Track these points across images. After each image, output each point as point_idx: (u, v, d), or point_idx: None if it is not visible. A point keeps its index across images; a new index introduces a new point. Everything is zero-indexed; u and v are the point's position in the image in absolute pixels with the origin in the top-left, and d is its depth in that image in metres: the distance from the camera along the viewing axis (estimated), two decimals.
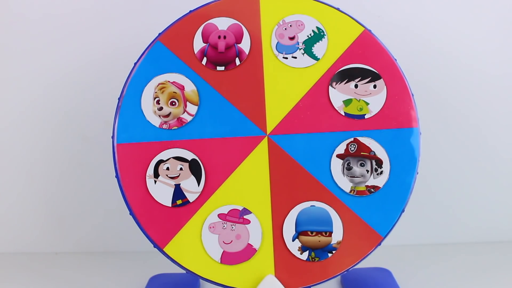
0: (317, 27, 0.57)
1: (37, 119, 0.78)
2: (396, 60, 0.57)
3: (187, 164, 0.55)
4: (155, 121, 0.56)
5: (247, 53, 0.57)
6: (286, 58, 0.57)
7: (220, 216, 0.55)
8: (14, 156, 0.79)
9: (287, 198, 0.55)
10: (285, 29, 0.57)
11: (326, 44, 0.57)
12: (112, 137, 0.55)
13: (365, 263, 0.56)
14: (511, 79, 0.75)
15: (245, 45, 0.57)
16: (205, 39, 0.57)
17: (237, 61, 0.57)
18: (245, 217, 0.55)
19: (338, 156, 0.55)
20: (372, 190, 0.55)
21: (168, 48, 0.57)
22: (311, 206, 0.55)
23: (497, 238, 0.79)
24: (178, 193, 0.55)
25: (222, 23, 0.57)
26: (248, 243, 0.55)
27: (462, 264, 0.72)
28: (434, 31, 0.74)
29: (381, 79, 0.56)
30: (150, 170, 0.55)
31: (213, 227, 0.55)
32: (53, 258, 0.78)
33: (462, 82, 0.75)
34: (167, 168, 0.55)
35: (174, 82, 0.56)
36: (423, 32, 0.73)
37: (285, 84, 0.56)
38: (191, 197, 0.55)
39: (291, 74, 0.56)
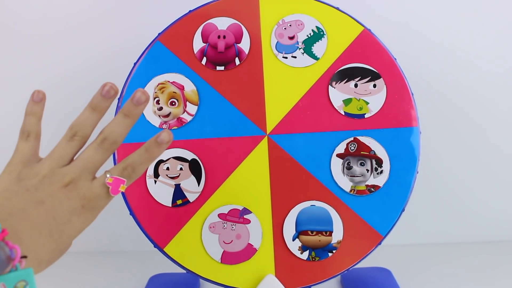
0: (316, 26, 0.57)
1: None
2: (395, 59, 0.57)
3: (187, 164, 0.55)
4: (155, 121, 0.56)
5: (246, 53, 0.57)
6: (286, 57, 0.57)
7: (220, 216, 0.55)
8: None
9: (287, 197, 0.55)
10: (285, 28, 0.57)
11: (325, 44, 0.57)
12: None
13: (365, 263, 0.56)
14: (511, 77, 0.75)
15: (244, 44, 0.57)
16: (204, 39, 0.57)
17: (237, 61, 0.57)
18: (245, 216, 0.55)
19: (338, 155, 0.55)
20: (372, 189, 0.55)
21: (167, 48, 0.57)
22: (311, 205, 0.55)
23: (498, 238, 0.79)
24: (178, 193, 0.55)
25: (222, 23, 0.57)
26: (248, 243, 0.55)
27: (462, 263, 0.72)
28: (433, 30, 0.74)
29: (381, 78, 0.56)
30: (150, 170, 0.55)
31: (213, 227, 0.55)
32: None
33: (462, 81, 0.75)
34: (167, 168, 0.55)
35: (173, 82, 0.56)
36: (423, 31, 0.73)
37: (285, 83, 0.56)
38: (191, 197, 0.55)
39: (291, 74, 0.56)
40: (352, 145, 0.55)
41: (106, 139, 0.38)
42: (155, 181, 0.55)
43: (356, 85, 0.56)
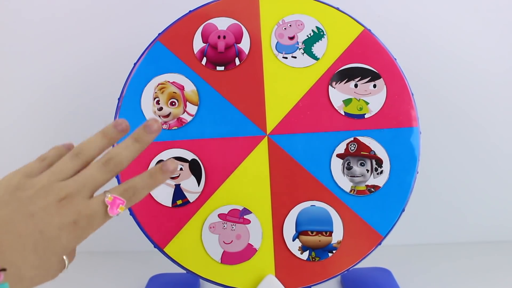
0: (316, 26, 0.57)
1: (38, 121, 0.78)
2: (395, 59, 0.57)
3: (187, 164, 0.55)
4: None
5: (246, 53, 0.57)
6: (286, 58, 0.57)
7: (220, 216, 0.55)
8: (15, 157, 0.78)
9: (287, 198, 0.55)
10: (285, 29, 0.57)
11: (325, 44, 0.57)
12: None
13: (365, 263, 0.56)
14: (511, 77, 0.75)
15: (244, 45, 0.57)
16: (204, 39, 0.57)
17: (237, 61, 0.57)
18: (245, 217, 0.55)
19: (338, 155, 0.55)
20: (372, 189, 0.55)
21: (167, 48, 0.57)
22: (311, 205, 0.55)
23: (498, 238, 0.79)
24: (178, 193, 0.55)
25: (222, 23, 0.57)
26: (249, 243, 0.55)
27: (463, 264, 0.72)
28: (433, 30, 0.74)
29: (381, 79, 0.56)
30: None
31: (213, 227, 0.55)
32: None
33: (462, 81, 0.75)
34: None
35: (174, 82, 0.56)
36: (423, 31, 0.73)
37: (285, 84, 0.56)
38: (191, 197, 0.55)
39: (291, 74, 0.56)
40: (352, 145, 0.55)
41: (112, 159, 0.37)
42: None
43: (356, 85, 0.56)
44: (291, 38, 0.57)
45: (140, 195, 0.38)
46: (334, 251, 0.55)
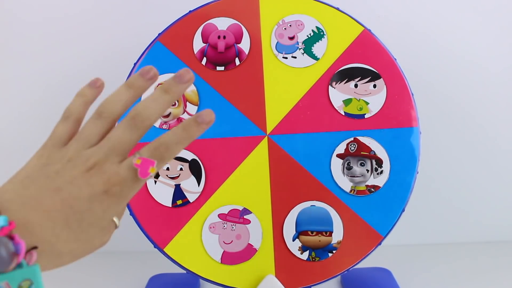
0: (316, 27, 0.57)
1: (38, 121, 0.78)
2: (395, 59, 0.57)
3: (187, 164, 0.55)
4: None
5: (246, 53, 0.57)
6: (286, 58, 0.57)
7: (220, 216, 0.55)
8: (15, 157, 0.78)
9: (287, 198, 0.55)
10: (285, 29, 0.57)
11: (325, 44, 0.57)
12: None
13: (365, 263, 0.56)
14: (511, 75, 0.75)
15: (244, 45, 0.57)
16: (204, 39, 0.57)
17: (237, 61, 0.57)
18: (245, 217, 0.55)
19: (338, 155, 0.55)
20: (372, 189, 0.55)
21: (167, 48, 0.57)
22: (311, 206, 0.55)
23: (499, 238, 0.79)
24: (178, 193, 0.55)
25: (222, 23, 0.57)
26: (249, 243, 0.55)
27: (463, 264, 0.72)
28: (434, 30, 0.74)
29: (381, 79, 0.56)
30: None
31: (213, 227, 0.55)
32: None
33: (462, 80, 0.75)
34: (167, 168, 0.55)
35: None
36: (423, 31, 0.73)
37: (285, 84, 0.56)
38: (191, 197, 0.55)
39: (291, 74, 0.56)
40: (352, 145, 0.55)
41: (138, 115, 0.34)
42: (155, 182, 0.55)
43: (356, 85, 0.56)
44: (291, 38, 0.57)
45: (173, 151, 0.34)
46: (334, 251, 0.55)
